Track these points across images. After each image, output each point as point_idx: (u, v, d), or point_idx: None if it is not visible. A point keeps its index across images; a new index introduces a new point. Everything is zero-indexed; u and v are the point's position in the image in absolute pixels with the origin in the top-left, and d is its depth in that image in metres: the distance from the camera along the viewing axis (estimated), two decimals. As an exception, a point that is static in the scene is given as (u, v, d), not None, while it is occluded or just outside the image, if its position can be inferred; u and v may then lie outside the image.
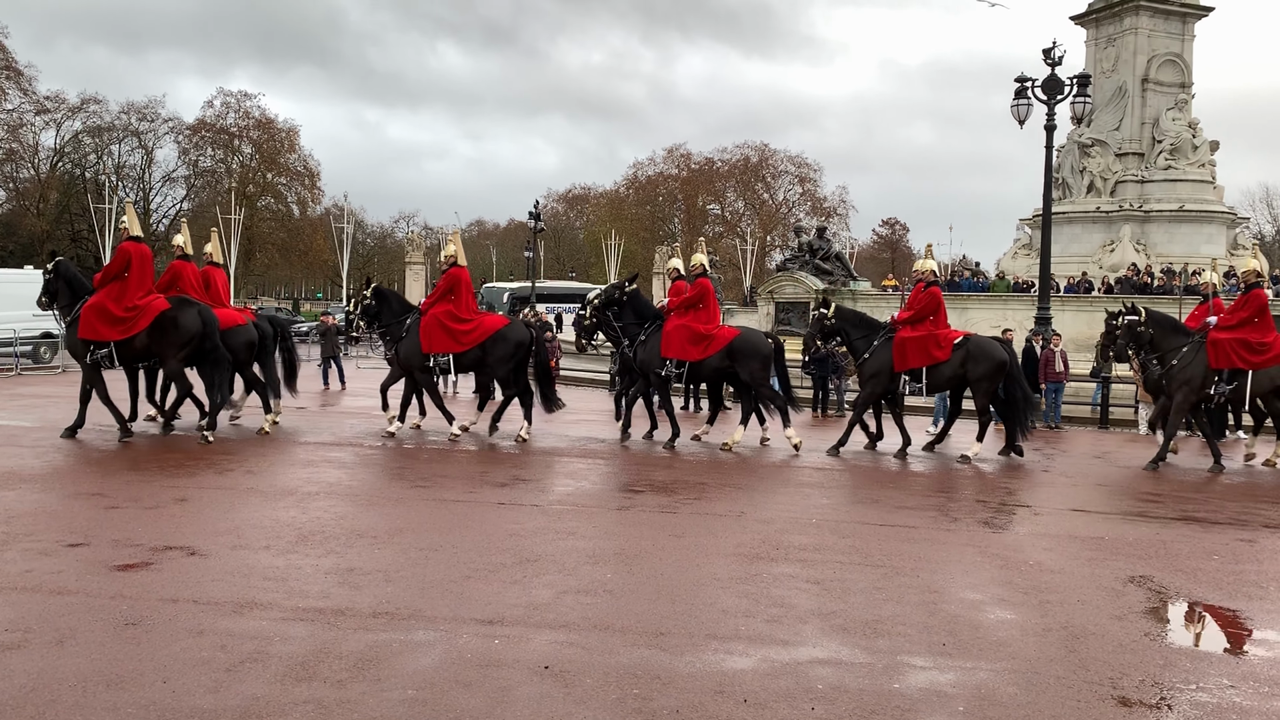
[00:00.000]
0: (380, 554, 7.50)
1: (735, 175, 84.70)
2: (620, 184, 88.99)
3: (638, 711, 4.74)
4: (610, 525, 8.86)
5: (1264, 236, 70.80)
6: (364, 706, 4.71)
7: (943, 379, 13.98)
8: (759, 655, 5.55)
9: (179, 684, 4.89)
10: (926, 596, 6.82)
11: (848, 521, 9.37)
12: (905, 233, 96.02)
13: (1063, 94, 20.32)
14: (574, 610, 6.24)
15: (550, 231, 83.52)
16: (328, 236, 74.71)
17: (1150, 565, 7.94)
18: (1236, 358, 13.09)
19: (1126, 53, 35.00)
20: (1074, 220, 34.88)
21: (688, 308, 14.22)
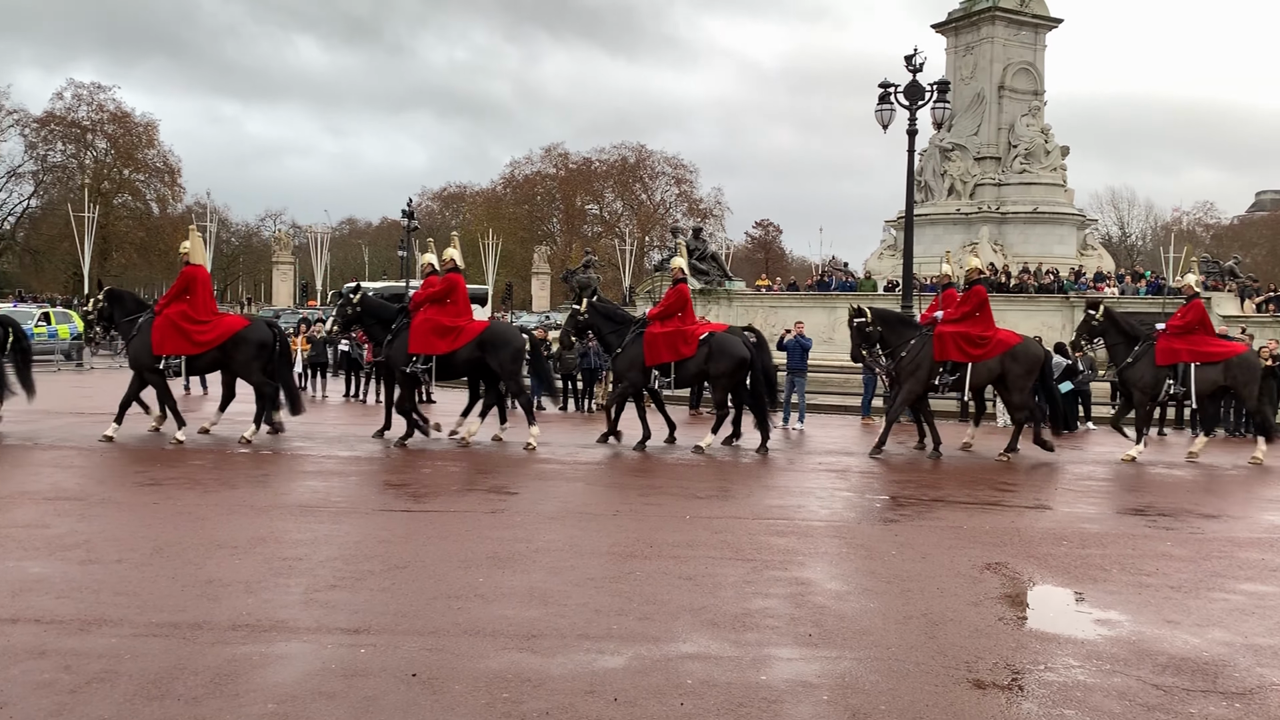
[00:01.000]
0: (241, 564, 7.24)
1: (613, 176, 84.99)
2: (497, 183, 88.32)
3: (507, 715, 4.70)
4: (481, 528, 8.76)
5: (1111, 237, 75.01)
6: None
7: (689, 374, 14.31)
8: (630, 653, 5.57)
9: (17, 710, 4.61)
10: (794, 589, 6.96)
11: (720, 517, 9.50)
12: (778, 234, 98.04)
13: (924, 100, 21.06)
14: (444, 616, 6.15)
15: (425, 230, 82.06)
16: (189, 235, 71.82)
17: (1005, 552, 8.30)
18: (957, 351, 13.82)
19: (984, 61, 36.51)
20: (936, 222, 36.20)
21: (433, 301, 14.08)
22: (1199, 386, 14.08)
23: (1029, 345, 14.45)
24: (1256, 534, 9.55)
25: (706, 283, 34.13)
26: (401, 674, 5.16)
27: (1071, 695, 5.13)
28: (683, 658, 5.52)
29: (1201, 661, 5.67)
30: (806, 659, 5.59)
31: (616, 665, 5.38)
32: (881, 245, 40.54)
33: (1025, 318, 27.50)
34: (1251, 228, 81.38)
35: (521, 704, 4.83)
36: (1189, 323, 14.32)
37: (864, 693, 5.08)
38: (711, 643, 5.80)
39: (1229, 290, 30.71)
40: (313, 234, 74.85)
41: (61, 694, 4.79)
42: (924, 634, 6.05)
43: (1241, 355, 14.51)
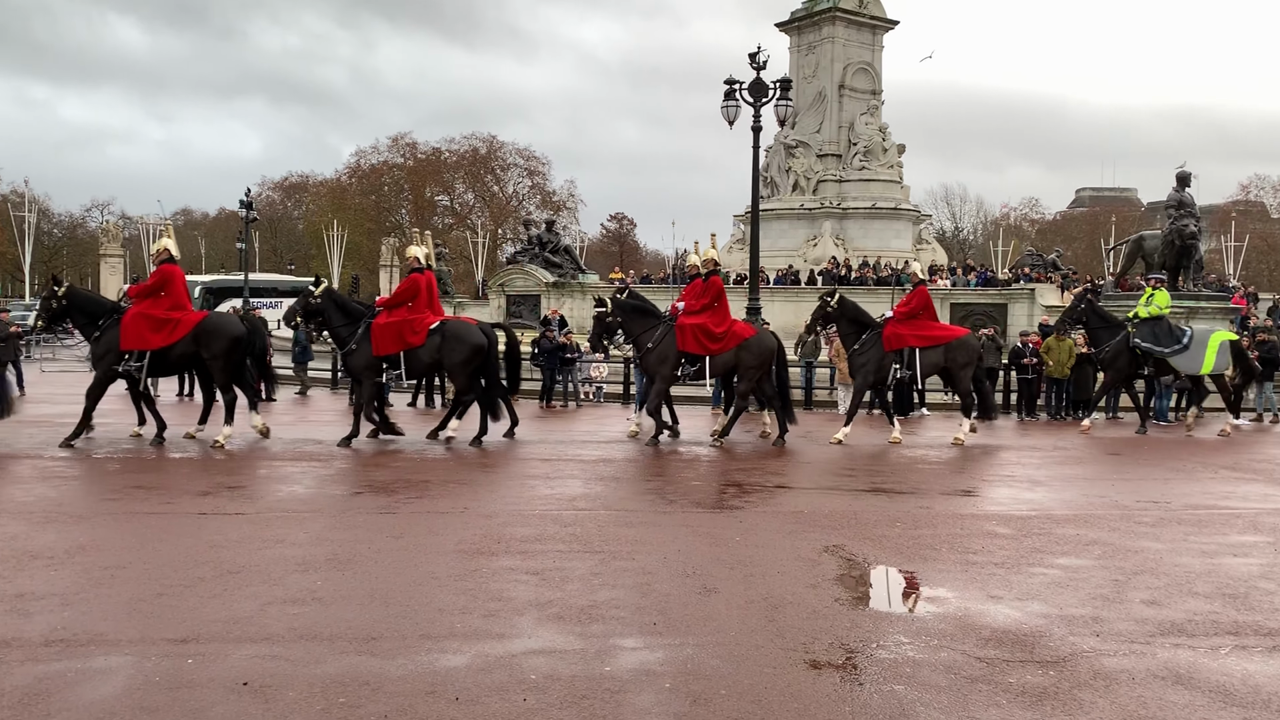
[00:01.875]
0: (57, 576, 6.80)
1: (464, 167, 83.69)
2: (342, 172, 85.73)
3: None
4: (323, 530, 8.50)
5: (944, 232, 78.66)
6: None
7: (421, 364, 14.17)
8: (473, 651, 5.50)
9: None
10: (641, 579, 7.02)
11: (571, 510, 9.50)
12: (633, 227, 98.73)
13: (768, 97, 21.56)
14: (279, 621, 5.93)
15: (266, 222, 79.23)
16: (6, 226, 67.04)
17: (842, 535, 8.59)
18: (696, 343, 14.19)
19: (825, 60, 37.68)
20: (782, 217, 37.19)
21: (145, 295, 13.67)
22: (923, 370, 14.88)
23: (762, 337, 14.81)
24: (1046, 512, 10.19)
25: (560, 276, 34.13)
26: (231, 683, 4.95)
27: (901, 671, 5.35)
28: (527, 653, 5.49)
29: (1021, 633, 6.00)
30: (651, 648, 5.65)
31: (459, 664, 5.31)
32: (731, 239, 41.36)
33: (866, 308, 28.57)
34: (1072, 223, 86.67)
35: (359, 708, 4.71)
36: (913, 309, 14.98)
37: (705, 678, 5.17)
38: (557, 637, 5.79)
39: (1052, 282, 32.65)
40: (144, 225, 70.85)
41: None
42: (764, 618, 6.20)
43: (960, 339, 15.22)
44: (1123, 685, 5.19)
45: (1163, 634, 6.05)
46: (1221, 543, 8.65)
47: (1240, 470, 13.07)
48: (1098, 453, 14.71)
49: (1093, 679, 5.27)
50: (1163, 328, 16.97)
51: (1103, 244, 59.43)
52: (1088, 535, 8.79)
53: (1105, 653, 5.68)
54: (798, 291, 30.67)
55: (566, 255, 36.37)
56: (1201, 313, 24.53)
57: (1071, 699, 4.99)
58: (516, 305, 34.03)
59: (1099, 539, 8.61)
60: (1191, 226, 25.23)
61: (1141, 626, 6.18)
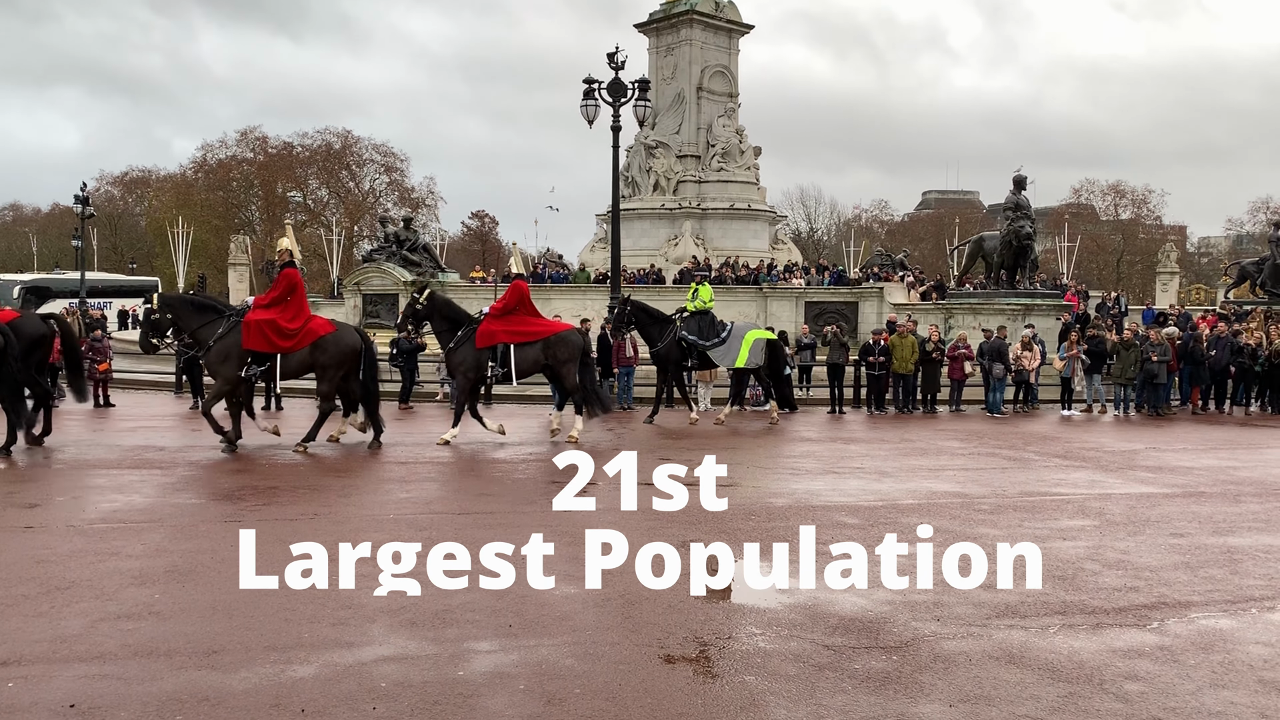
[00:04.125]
0: None
1: (317, 162, 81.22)
2: (187, 167, 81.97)
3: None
4: (162, 541, 8.11)
5: (800, 232, 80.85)
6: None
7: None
8: (321, 661, 5.35)
9: None
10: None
11: (427, 514, 9.34)
12: (494, 225, 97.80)
13: (626, 97, 21.70)
14: (111, 639, 5.63)
15: (105, 218, 75.22)
16: None
17: (700, 530, 8.71)
18: (264, 341, 13.13)
19: (684, 62, 38.17)
20: (643, 216, 37.51)
21: None
22: (520, 366, 14.42)
23: (340, 335, 13.81)
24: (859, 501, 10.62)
25: (419, 274, 33.49)
26: (58, 706, 4.68)
27: (753, 661, 5.47)
28: (378, 660, 5.37)
29: (866, 620, 6.22)
30: (506, 650, 5.61)
31: (306, 675, 5.15)
32: (594, 238, 41.48)
33: (724, 307, 28.95)
34: (919, 224, 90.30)
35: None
36: (508, 304, 14.70)
37: (560, 678, 5.16)
38: (409, 643, 5.68)
39: (900, 280, 33.96)
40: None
41: None
42: (620, 614, 6.24)
43: (559, 334, 14.79)
44: (960, 667, 5.43)
45: (998, 616, 6.36)
46: (1052, 527, 9.17)
47: (1071, 458, 13.88)
48: (942, 444, 15.37)
49: (933, 662, 5.50)
50: (706, 322, 17.56)
51: (947, 244, 62.13)
52: (931, 523, 9.16)
53: (945, 636, 5.94)
54: (659, 290, 30.99)
55: (426, 253, 35.71)
56: (1037, 309, 25.98)
57: (913, 682, 5.20)
58: (374, 305, 33.25)
59: (941, 526, 8.99)
60: (1027, 228, 26.69)
61: (979, 610, 6.48)
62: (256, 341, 13.03)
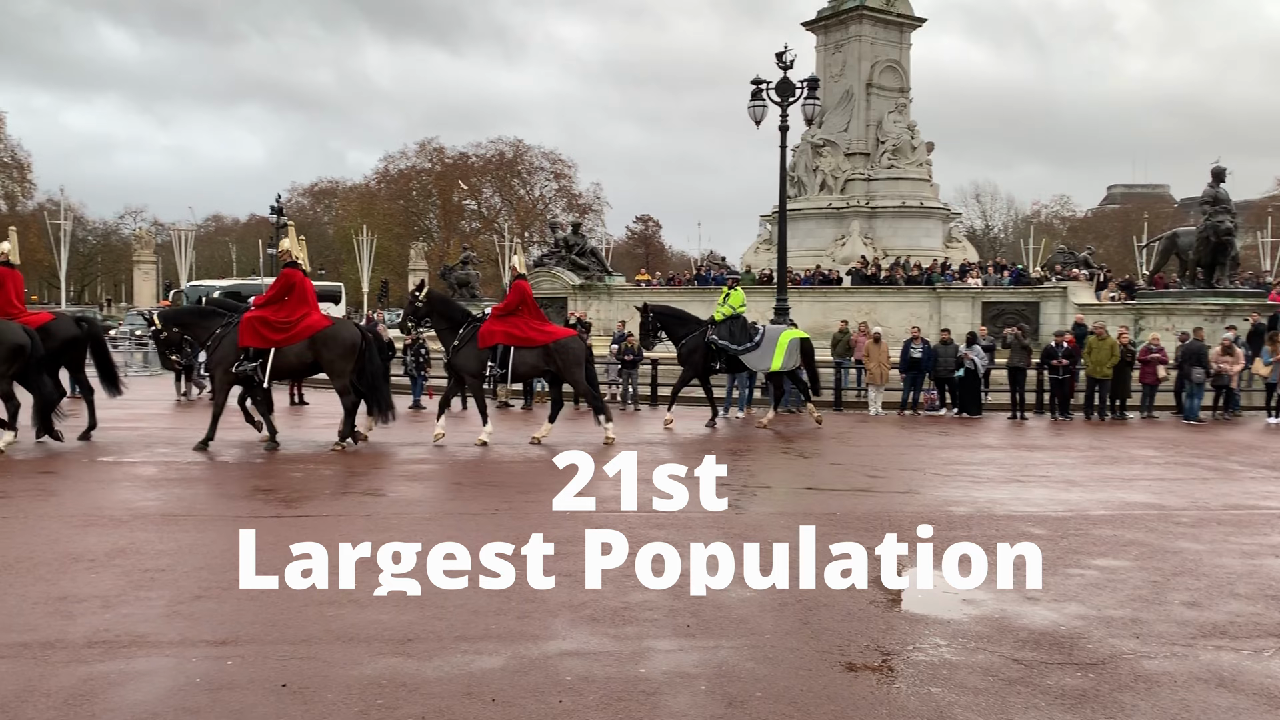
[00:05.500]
0: (97, 579, 6.89)
1: (491, 170, 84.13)
2: (370, 177, 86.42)
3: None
4: (358, 531, 8.55)
5: (975, 230, 78.09)
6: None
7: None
8: (509, 653, 5.52)
9: None
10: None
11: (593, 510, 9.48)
12: (658, 229, 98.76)
13: (794, 96, 21.50)
14: (315, 624, 5.97)
15: (297, 227, 79.79)
16: (43, 234, 67.93)
17: (877, 536, 8.52)
18: (256, 337, 13.33)
19: (852, 59, 37.48)
20: (809, 216, 37.03)
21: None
22: (517, 368, 14.35)
23: (339, 328, 14.04)
24: (1100, 512, 10.08)
25: (586, 278, 34.17)
26: (271, 685, 5.00)
27: (938, 673, 5.32)
28: (562, 655, 5.51)
29: (1059, 635, 5.95)
30: (685, 650, 5.65)
31: (494, 666, 5.33)
32: (758, 239, 41.25)
33: (895, 309, 28.44)
34: (1104, 220, 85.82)
35: (397, 709, 4.74)
36: (510, 305, 14.53)
37: (740, 680, 5.16)
38: (591, 638, 5.80)
39: (1084, 280, 32.30)
40: (176, 231, 71.71)
41: (-105, 725, 4.49)
42: (798, 619, 6.18)
43: (561, 340, 14.61)
44: (1164, 688, 5.12)
45: (1204, 636, 5.97)
46: (1263, 543, 8.53)
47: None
48: (1135, 453, 14.54)
49: (1134, 681, 5.21)
50: (738, 326, 17.15)
51: (1135, 241, 58.78)
52: (1125, 536, 8.70)
53: (1146, 655, 5.62)
54: (826, 291, 30.55)
55: (593, 257, 36.41)
56: (1237, 310, 24.21)
57: (1112, 701, 4.94)
58: (544, 308, 34.08)
59: (1137, 540, 8.51)
60: (1227, 223, 24.90)
61: (1182, 629, 6.10)
62: (249, 338, 13.33)
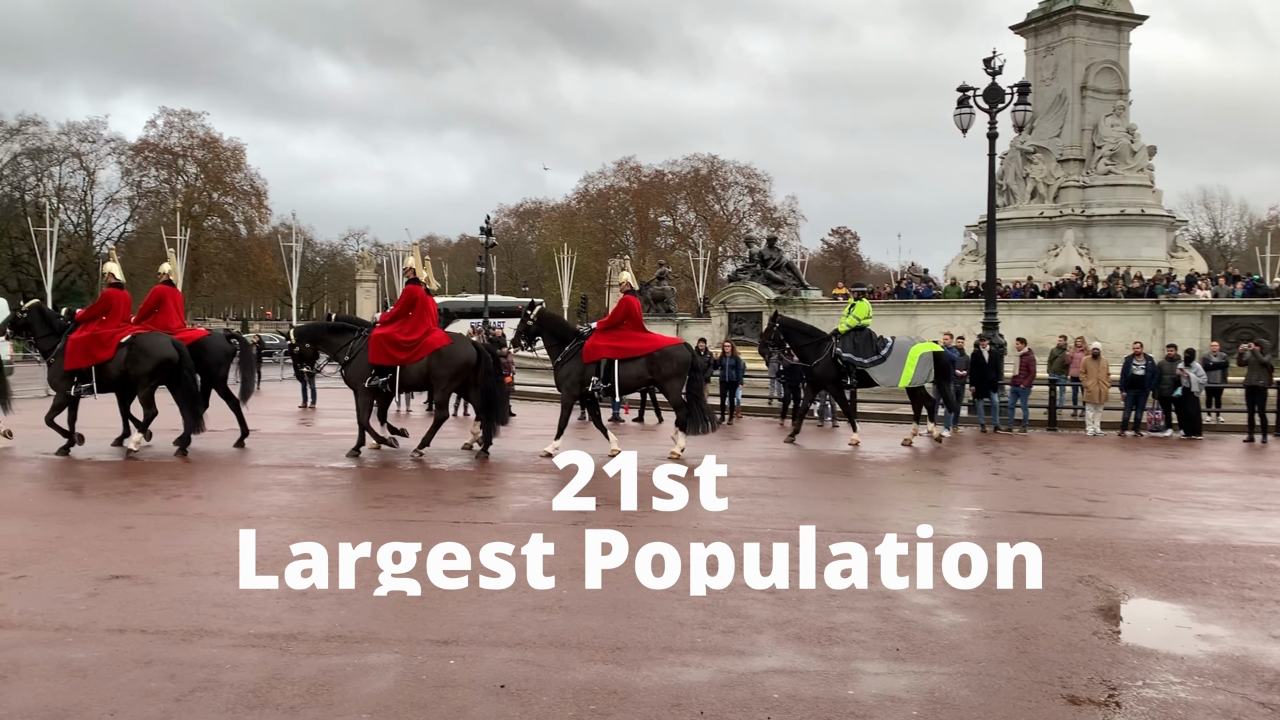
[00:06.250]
0: (333, 577, 7.40)
1: (685, 187, 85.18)
2: (571, 197, 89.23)
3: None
4: (565, 541, 8.81)
5: (1202, 238, 72.58)
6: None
7: (109, 378, 14.26)
8: (715, 667, 5.57)
9: (126, 715, 4.80)
10: (880, 603, 6.87)
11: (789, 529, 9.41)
12: (855, 241, 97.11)
13: (1003, 103, 20.69)
14: (529, 628, 6.22)
15: (502, 246, 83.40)
16: (276, 255, 73.78)
17: (1097, 565, 8.07)
18: (384, 354, 14.00)
19: (1065, 61, 35.70)
20: (1019, 226, 35.46)
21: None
22: (623, 381, 14.39)
23: (456, 346, 14.46)
24: None
25: (782, 292, 33.98)
26: (490, 685, 5.24)
27: (1172, 713, 4.98)
28: (768, 672, 5.50)
29: (1311, 679, 5.45)
30: (895, 674, 5.53)
31: (701, 679, 5.38)
32: (963, 250, 39.90)
33: (1114, 322, 26.82)
34: (1353, 225, 77.87)
35: (609, 716, 4.86)
36: (614, 319, 14.77)
37: (954, 708, 5.00)
38: (797, 657, 5.76)
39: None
40: (394, 252, 76.39)
41: (166, 702, 4.97)
42: (1015, 648, 5.93)
43: (664, 349, 14.52)
44: None
45: None
46: None
47: None
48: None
49: (1404, 736, 4.71)
50: (863, 338, 16.55)
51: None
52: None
53: None
54: (1038, 304, 29.15)
55: (789, 271, 36.16)
56: None
57: (1379, 757, 4.49)
58: (738, 322, 34.14)
59: (1403, 578, 7.69)
60: None
61: None
62: (378, 355, 14.05)
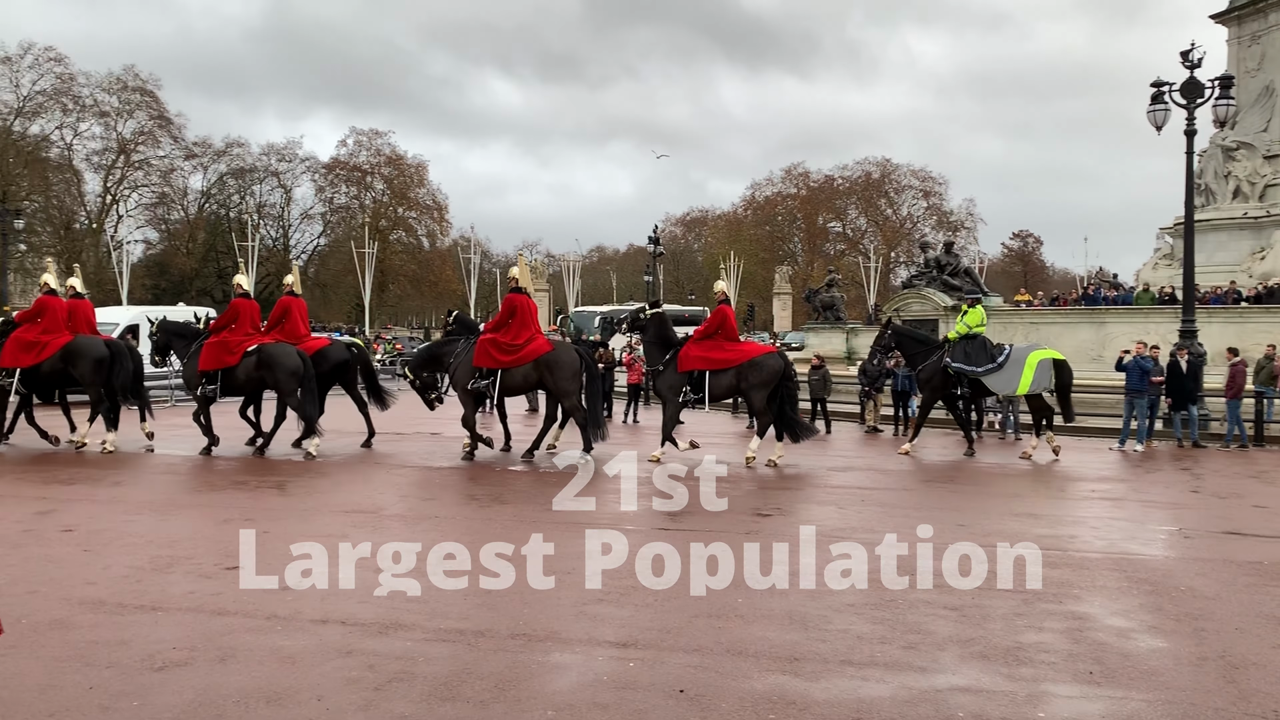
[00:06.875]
0: (520, 577, 7.66)
1: (856, 192, 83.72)
2: (738, 205, 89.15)
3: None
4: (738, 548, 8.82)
5: None
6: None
7: (237, 383, 15.28)
8: (896, 682, 5.47)
9: (332, 702, 5.12)
10: (1070, 623, 6.59)
11: (985, 546, 9.10)
12: (1038, 245, 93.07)
13: (1202, 97, 19.43)
14: (705, 634, 6.27)
15: (670, 255, 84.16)
16: (456, 267, 76.82)
17: (1316, 592, 7.48)
18: (488, 358, 14.57)
19: (1274, 50, 33.18)
20: (1219, 228, 33.15)
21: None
22: (713, 391, 14.51)
23: (560, 351, 14.85)
24: None
25: (959, 298, 32.89)
26: (669, 689, 5.31)
27: None
28: (952, 689, 5.36)
29: None
30: (1088, 698, 5.29)
31: (882, 694, 5.30)
32: (1156, 254, 37.63)
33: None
34: None
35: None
36: (709, 328, 14.89)
37: (1156, 738, 4.75)
38: (982, 675, 5.59)
39: None
40: (565, 262, 78.33)
41: (366, 690, 5.28)
42: (1221, 677, 5.58)
43: (753, 359, 14.50)
44: None
45: None
46: None
47: None
48: None
49: None
50: (976, 346, 16.04)
51: None
52: None
53: None
54: (1241, 312, 27.16)
55: (966, 277, 34.97)
56: None
57: None
58: (914, 329, 33.31)
59: None
60: None
61: None
62: (482, 359, 14.63)
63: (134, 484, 12.70)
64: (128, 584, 7.40)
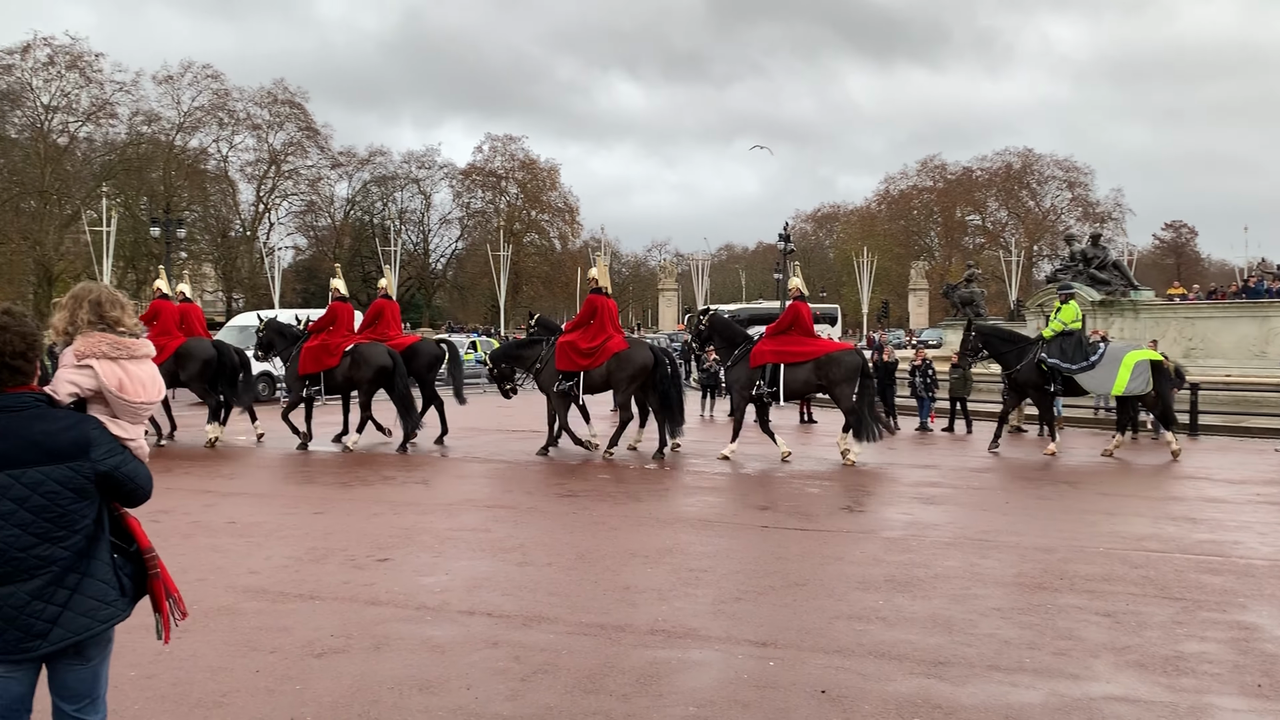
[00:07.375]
0: (653, 573, 7.76)
1: (996, 184, 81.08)
2: (870, 200, 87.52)
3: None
4: (877, 552, 8.71)
5: None
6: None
7: (336, 383, 15.93)
8: (1047, 689, 5.30)
9: (481, 691, 5.29)
10: (1235, 634, 6.26)
11: (1139, 550, 8.74)
12: (1193, 236, 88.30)
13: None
14: (846, 635, 6.20)
15: (800, 251, 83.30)
16: (587, 268, 77.88)
17: None
18: (567, 360, 14.88)
19: None
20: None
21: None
22: (789, 386, 14.39)
23: (634, 350, 14.95)
24: None
25: (1108, 293, 31.56)
26: (810, 689, 5.29)
27: None
28: (1107, 699, 5.17)
29: None
30: (1257, 712, 5.02)
31: (1033, 700, 5.14)
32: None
33: None
34: None
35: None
36: (782, 324, 14.83)
37: (1335, 758, 4.47)
38: (1139, 685, 5.37)
39: None
40: (694, 261, 78.45)
41: (513, 681, 5.43)
42: None
43: (831, 354, 14.43)
44: None
45: None
46: None
47: None
48: None
49: None
50: (1072, 343, 15.54)
51: None
52: None
53: None
54: None
55: (1115, 270, 33.39)
56: None
57: None
58: (1058, 326, 32.05)
59: None
60: None
61: None
62: (563, 362, 14.95)
63: (289, 480, 13.37)
64: (287, 574, 7.80)
